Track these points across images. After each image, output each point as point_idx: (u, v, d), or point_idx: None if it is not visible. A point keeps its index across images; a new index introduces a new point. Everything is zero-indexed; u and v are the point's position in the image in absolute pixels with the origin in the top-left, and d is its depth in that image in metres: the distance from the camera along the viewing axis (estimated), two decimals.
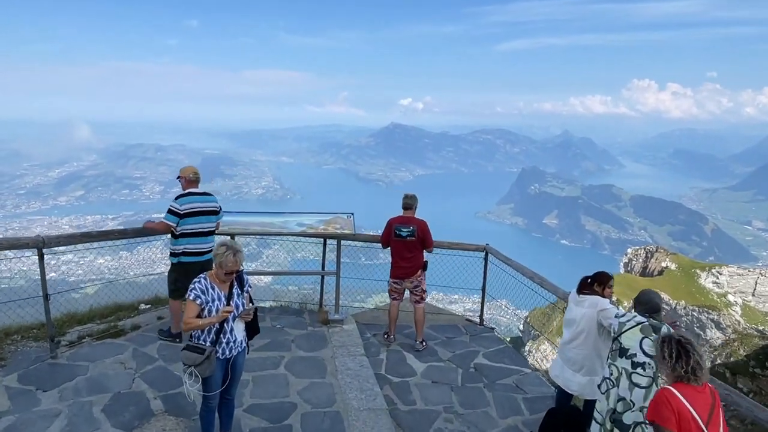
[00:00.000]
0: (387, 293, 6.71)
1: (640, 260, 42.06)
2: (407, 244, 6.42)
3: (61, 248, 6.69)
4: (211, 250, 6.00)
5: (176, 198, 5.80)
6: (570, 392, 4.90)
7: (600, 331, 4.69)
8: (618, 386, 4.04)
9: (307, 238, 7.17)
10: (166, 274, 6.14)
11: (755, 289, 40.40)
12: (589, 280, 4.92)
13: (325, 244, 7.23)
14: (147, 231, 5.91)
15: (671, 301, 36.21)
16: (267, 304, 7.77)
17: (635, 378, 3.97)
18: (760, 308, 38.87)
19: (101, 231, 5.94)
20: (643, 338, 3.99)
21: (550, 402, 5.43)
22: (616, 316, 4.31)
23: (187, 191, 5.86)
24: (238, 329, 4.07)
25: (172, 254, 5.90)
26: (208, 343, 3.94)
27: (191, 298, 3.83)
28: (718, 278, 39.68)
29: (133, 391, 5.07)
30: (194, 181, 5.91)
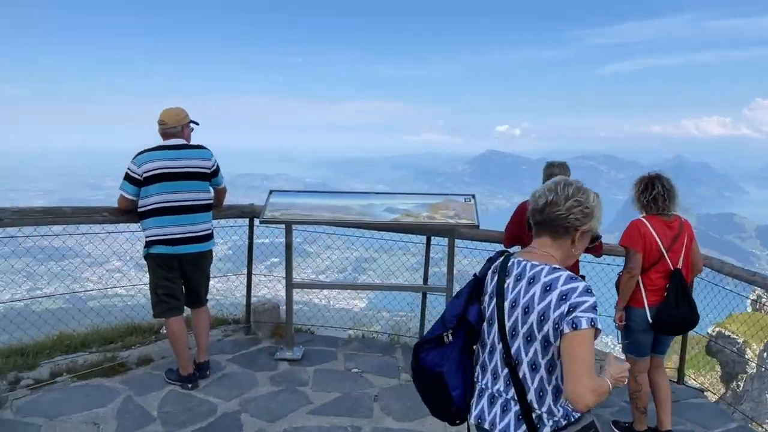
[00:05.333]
0: None
1: None
2: None
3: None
4: (200, 237, 3.71)
5: (135, 156, 3.63)
6: None
7: None
8: None
9: (395, 231, 4.67)
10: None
11: None
12: None
13: (429, 242, 4.71)
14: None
15: None
16: (343, 332, 5.35)
17: None
18: None
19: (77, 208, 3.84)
20: None
21: None
22: None
23: (154, 146, 3.68)
24: None
25: (145, 244, 3.71)
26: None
27: (595, 322, 1.56)
28: None
29: None
30: (170, 133, 3.71)
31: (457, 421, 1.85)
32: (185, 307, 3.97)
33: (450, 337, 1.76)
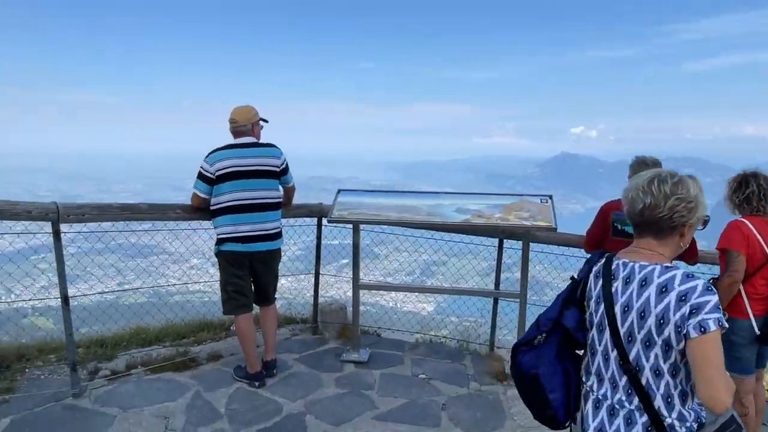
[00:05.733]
0: None
1: None
2: None
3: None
4: (270, 235, 3.69)
5: (207, 155, 3.66)
6: None
7: None
8: None
9: (465, 233, 4.47)
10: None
11: None
12: None
13: (501, 245, 4.48)
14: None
15: None
16: (415, 335, 5.21)
17: None
18: None
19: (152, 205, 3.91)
20: None
21: None
22: None
23: (225, 144, 3.70)
24: None
25: (216, 242, 3.74)
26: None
27: (721, 322, 1.47)
28: None
29: None
30: (241, 132, 3.72)
31: (557, 426, 1.80)
32: (254, 305, 4.00)
33: (542, 340, 1.72)
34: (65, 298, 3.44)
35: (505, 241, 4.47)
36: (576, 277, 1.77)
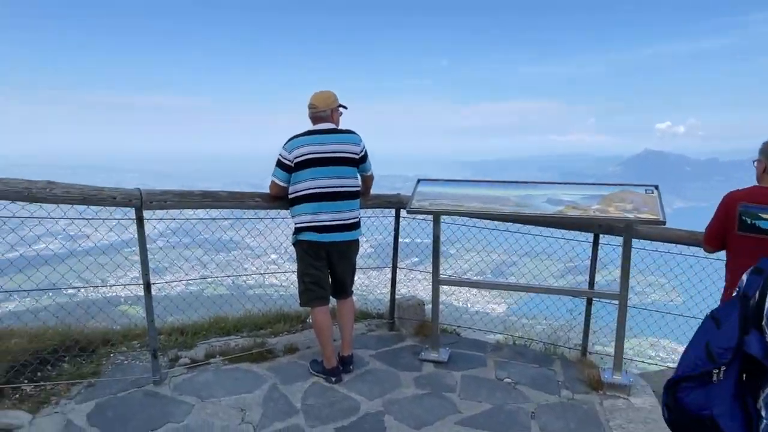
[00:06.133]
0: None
1: None
2: None
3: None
4: (349, 225, 3.53)
5: (286, 142, 3.54)
6: None
7: None
8: None
9: (557, 226, 4.12)
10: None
11: None
12: None
13: (597, 241, 4.08)
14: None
15: None
16: (490, 336, 4.91)
17: None
18: None
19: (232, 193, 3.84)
20: None
21: None
22: None
23: (304, 131, 3.55)
24: None
25: (294, 231, 3.62)
26: None
27: None
28: None
29: None
30: (320, 117, 3.57)
31: None
32: (331, 298, 3.87)
33: (721, 376, 1.40)
34: (147, 285, 3.45)
35: (600, 236, 4.07)
36: (748, 292, 1.44)
